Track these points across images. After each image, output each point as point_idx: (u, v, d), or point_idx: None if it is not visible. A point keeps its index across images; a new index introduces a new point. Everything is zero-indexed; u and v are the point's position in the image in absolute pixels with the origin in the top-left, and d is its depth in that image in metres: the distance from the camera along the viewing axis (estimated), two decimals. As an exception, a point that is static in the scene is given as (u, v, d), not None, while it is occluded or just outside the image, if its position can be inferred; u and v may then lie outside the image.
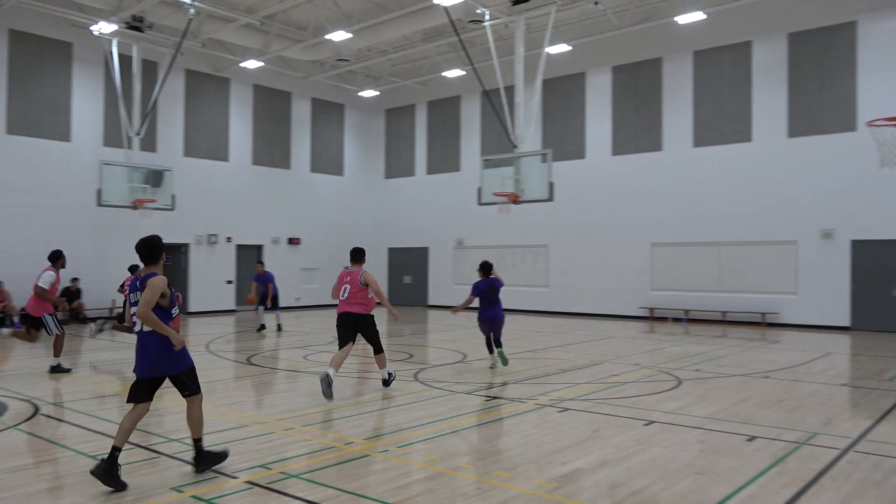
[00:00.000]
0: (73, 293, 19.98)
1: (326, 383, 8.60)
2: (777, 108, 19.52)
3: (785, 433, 7.22)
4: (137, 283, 5.63)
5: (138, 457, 6.24)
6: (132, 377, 5.82)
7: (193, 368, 5.83)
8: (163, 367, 5.62)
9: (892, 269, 17.80)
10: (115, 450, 5.37)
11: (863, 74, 18.21)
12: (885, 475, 5.81)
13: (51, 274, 10.99)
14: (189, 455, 5.98)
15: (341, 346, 9.21)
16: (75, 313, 19.92)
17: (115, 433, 5.61)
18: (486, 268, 11.48)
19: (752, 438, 6.99)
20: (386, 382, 9.61)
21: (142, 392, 5.63)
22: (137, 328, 5.66)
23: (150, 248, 5.68)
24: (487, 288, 11.34)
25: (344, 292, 9.28)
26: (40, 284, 10.85)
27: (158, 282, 5.54)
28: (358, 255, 9.56)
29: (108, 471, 5.27)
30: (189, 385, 5.75)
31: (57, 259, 11.23)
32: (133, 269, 13.23)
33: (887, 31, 17.87)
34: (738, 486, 5.49)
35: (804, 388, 9.92)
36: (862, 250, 18.21)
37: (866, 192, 17.92)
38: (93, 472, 5.29)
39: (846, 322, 18.32)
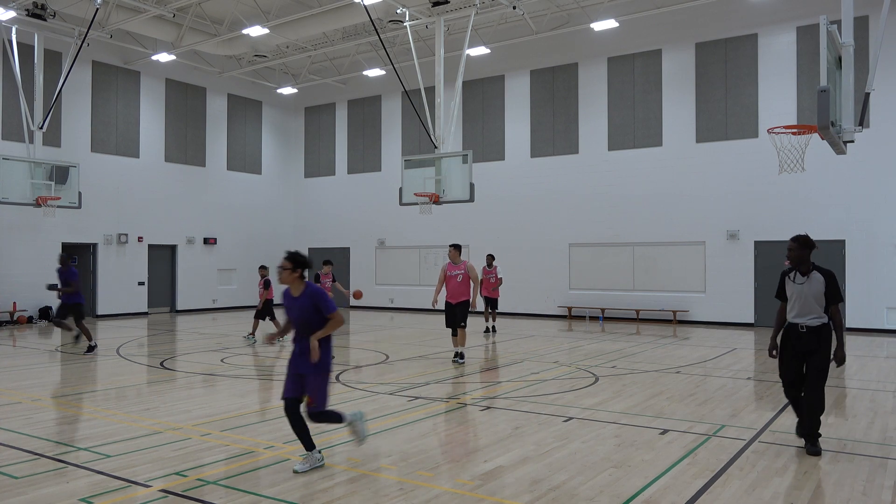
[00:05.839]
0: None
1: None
2: (685, 114, 20.33)
3: (695, 426, 7.54)
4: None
5: (45, 467, 5.93)
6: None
7: None
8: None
9: (791, 268, 18.81)
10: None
11: (763, 84, 19.21)
12: (786, 463, 6.15)
13: None
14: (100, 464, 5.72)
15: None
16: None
17: None
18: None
19: (664, 432, 7.26)
20: None
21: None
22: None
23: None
24: None
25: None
26: None
27: None
28: None
29: None
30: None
31: None
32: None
33: (784, 43, 18.92)
34: (652, 478, 5.69)
35: (713, 383, 10.38)
36: (764, 251, 19.21)
37: (767, 195, 18.90)
38: None
39: (750, 319, 19.27)
